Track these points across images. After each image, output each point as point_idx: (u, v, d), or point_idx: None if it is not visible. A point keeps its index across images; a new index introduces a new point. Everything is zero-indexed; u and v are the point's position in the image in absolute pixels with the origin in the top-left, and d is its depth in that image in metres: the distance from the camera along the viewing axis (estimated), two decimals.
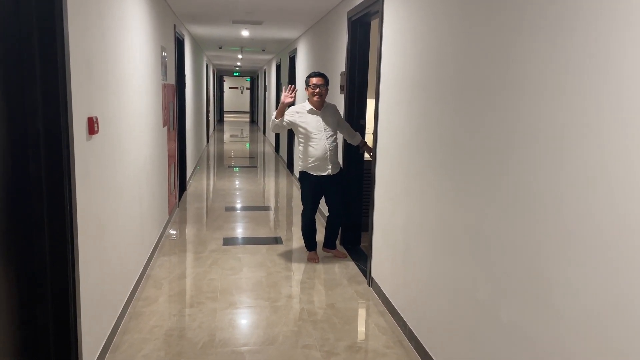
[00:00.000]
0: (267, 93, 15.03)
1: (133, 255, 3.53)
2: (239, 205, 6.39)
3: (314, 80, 4.10)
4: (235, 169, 9.70)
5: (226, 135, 16.86)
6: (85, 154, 2.36)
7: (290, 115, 4.11)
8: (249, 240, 4.87)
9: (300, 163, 4.21)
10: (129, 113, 3.41)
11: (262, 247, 4.65)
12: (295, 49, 8.37)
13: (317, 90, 4.07)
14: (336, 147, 4.18)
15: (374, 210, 3.72)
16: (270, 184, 8.14)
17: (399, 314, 3.12)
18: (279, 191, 7.58)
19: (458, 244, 2.33)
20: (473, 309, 2.19)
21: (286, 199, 7.02)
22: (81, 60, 2.31)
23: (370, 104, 4.92)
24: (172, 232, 5.09)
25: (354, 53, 4.52)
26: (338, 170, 4.24)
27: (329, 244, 4.45)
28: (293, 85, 4.19)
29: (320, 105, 4.12)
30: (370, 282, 3.76)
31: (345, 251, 4.53)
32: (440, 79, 2.52)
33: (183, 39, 6.89)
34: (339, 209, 4.34)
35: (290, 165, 9.04)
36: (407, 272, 3.02)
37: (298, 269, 4.12)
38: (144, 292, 3.55)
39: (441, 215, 2.52)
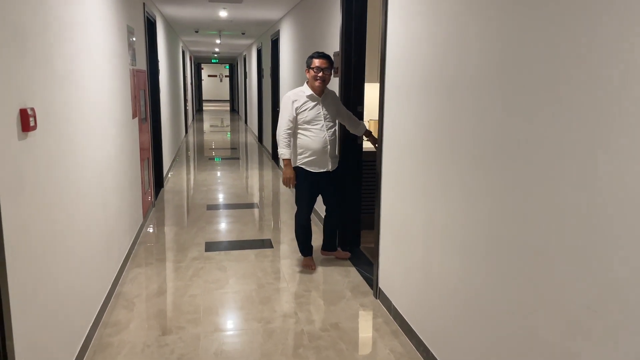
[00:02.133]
0: (247, 80, 14.38)
1: (97, 272, 2.96)
2: (222, 203, 5.83)
3: (316, 62, 3.52)
4: (216, 159, 9.12)
5: (206, 125, 16.17)
6: (17, 157, 1.78)
7: (287, 109, 3.52)
8: (235, 245, 4.32)
9: (295, 157, 3.67)
10: (85, 103, 2.82)
11: (250, 253, 4.11)
12: (278, 32, 7.77)
13: (321, 74, 3.50)
14: (336, 139, 3.66)
15: (381, 211, 3.21)
16: (254, 178, 7.57)
17: (418, 336, 2.63)
18: (265, 186, 7.02)
19: (506, 262, 1.83)
20: (532, 347, 1.69)
21: (273, 194, 6.48)
22: (7, 32, 1.73)
23: (369, 88, 4.40)
24: (149, 231, 4.51)
25: (349, 31, 3.97)
26: (337, 165, 3.72)
27: (329, 246, 3.95)
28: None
29: (321, 92, 3.57)
30: (378, 293, 3.26)
31: (346, 251, 4.03)
32: (477, 58, 2.00)
33: (154, 20, 6.24)
34: (340, 207, 3.84)
35: (275, 156, 8.47)
36: (429, 287, 2.51)
37: (292, 279, 3.59)
38: (112, 316, 2.99)
39: (479, 222, 2.01)
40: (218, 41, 12.06)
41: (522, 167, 1.71)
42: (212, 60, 22.84)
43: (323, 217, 4.65)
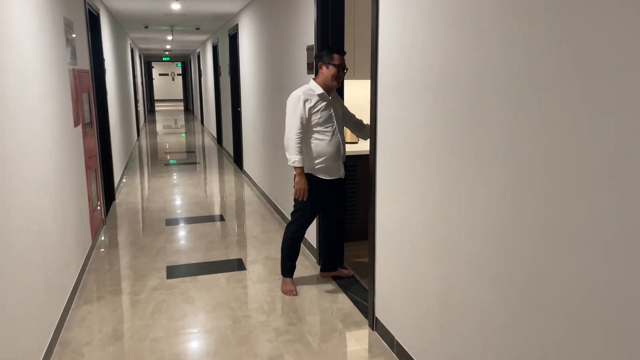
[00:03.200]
0: (202, 78, 13.68)
1: (36, 318, 2.39)
2: (182, 216, 5.24)
3: (338, 59, 3.08)
4: (171, 161, 8.47)
5: (159, 127, 15.33)
6: None
7: (299, 110, 3.05)
8: (202, 268, 3.78)
9: (307, 164, 3.17)
10: (11, 114, 2.23)
11: (220, 277, 3.59)
12: (237, 26, 7.20)
13: (342, 73, 3.11)
14: (345, 144, 3.36)
15: (377, 225, 2.76)
16: (216, 185, 6.99)
17: None
18: (229, 193, 6.46)
19: (559, 302, 1.41)
20: None
21: (238, 203, 5.93)
22: None
23: (350, 85, 3.97)
24: (100, 255, 3.90)
25: (324, 22, 3.50)
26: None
27: (332, 265, 3.52)
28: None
29: (331, 91, 3.17)
30: (375, 324, 2.81)
31: (349, 269, 3.60)
32: (506, 54, 1.57)
33: (98, 14, 5.57)
34: (343, 218, 3.47)
35: (238, 159, 7.92)
36: (447, 321, 2.09)
37: (273, 309, 3.10)
38: None
39: (518, 249, 1.59)
40: (170, 37, 11.32)
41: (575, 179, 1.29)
42: (164, 59, 21.85)
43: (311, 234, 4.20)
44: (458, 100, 1.90)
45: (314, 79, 3.15)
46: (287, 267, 3.34)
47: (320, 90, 3.10)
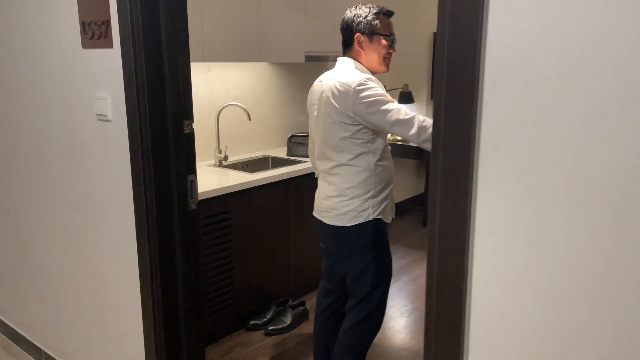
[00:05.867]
0: None
1: None
2: None
3: (388, 26, 1.94)
4: None
5: None
6: None
7: (382, 89, 1.91)
8: None
9: (373, 202, 1.92)
10: None
11: None
12: None
13: (392, 51, 1.98)
14: None
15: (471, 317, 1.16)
16: None
17: None
18: None
19: None
20: None
21: None
22: None
23: (201, 71, 2.33)
24: None
25: None
26: None
27: None
28: None
29: None
30: None
31: None
32: None
33: None
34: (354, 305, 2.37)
35: None
36: None
37: None
38: None
39: None
40: None
41: None
42: None
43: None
44: None
45: (350, 57, 1.94)
46: None
47: (374, 79, 1.89)
